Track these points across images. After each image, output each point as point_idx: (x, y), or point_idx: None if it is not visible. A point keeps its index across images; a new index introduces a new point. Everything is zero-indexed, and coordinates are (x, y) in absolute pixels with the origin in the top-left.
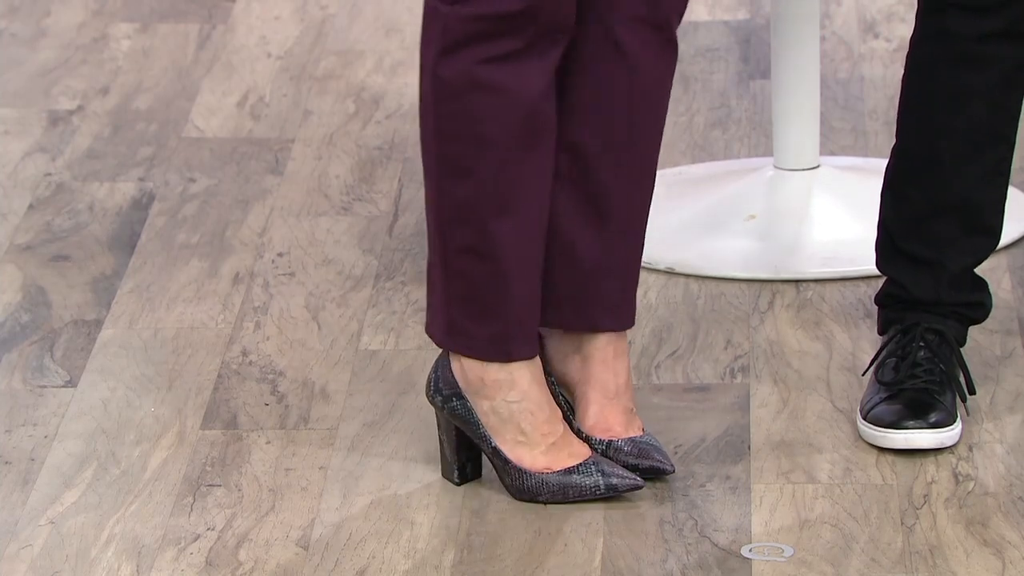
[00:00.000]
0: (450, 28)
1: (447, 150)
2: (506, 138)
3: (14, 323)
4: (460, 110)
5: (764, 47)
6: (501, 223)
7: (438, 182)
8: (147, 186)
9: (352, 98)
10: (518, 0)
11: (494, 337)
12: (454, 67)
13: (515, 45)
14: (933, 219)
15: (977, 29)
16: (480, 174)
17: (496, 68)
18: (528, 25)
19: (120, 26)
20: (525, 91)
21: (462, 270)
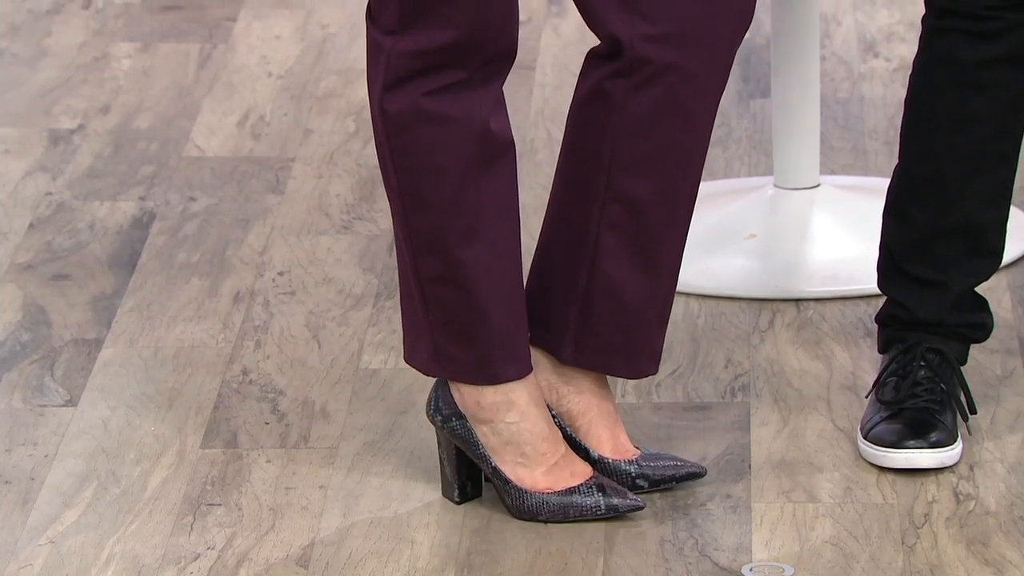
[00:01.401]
0: (392, 65)
1: (405, 183)
2: (460, 166)
3: (14, 342)
4: (411, 143)
5: (764, 66)
6: (467, 250)
7: (403, 215)
8: (147, 205)
9: (353, 117)
10: (453, 30)
11: (478, 360)
12: (400, 102)
13: (458, 76)
14: (936, 240)
15: (981, 54)
16: (440, 204)
17: (440, 99)
18: (470, 56)
19: (121, 46)
20: (472, 119)
21: (438, 298)
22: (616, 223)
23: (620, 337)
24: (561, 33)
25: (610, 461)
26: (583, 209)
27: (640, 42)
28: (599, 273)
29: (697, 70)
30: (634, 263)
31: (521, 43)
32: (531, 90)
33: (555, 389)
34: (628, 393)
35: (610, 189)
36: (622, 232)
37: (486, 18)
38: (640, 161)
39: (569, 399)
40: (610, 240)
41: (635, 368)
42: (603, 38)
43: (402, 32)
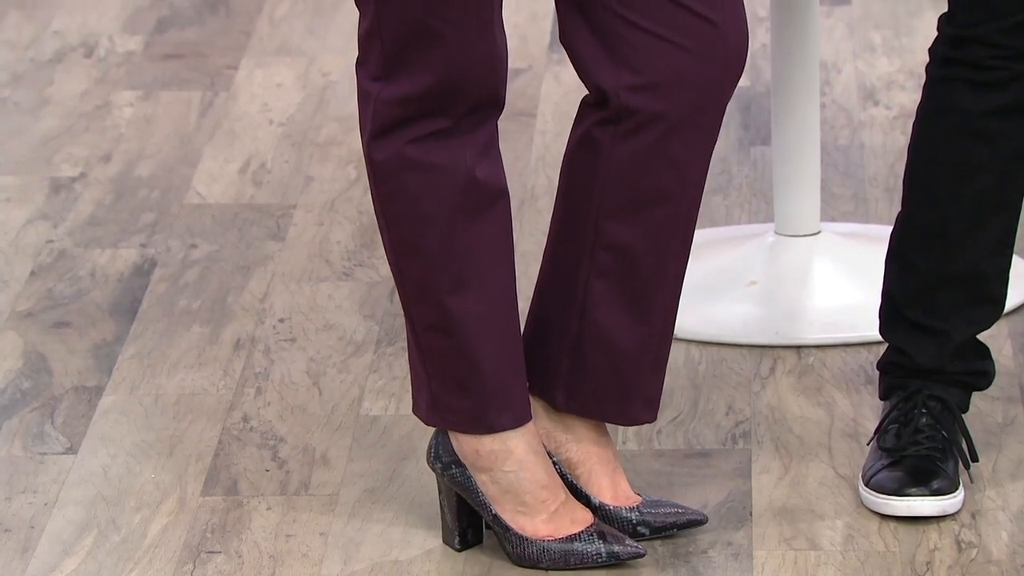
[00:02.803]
0: (379, 112)
1: (394, 230)
2: (445, 213)
3: (15, 390)
4: (397, 190)
5: (764, 114)
6: (457, 299)
7: (395, 262)
8: (148, 252)
9: (354, 164)
10: (435, 77)
11: (474, 410)
12: (386, 149)
13: (442, 124)
14: (938, 288)
15: (985, 104)
16: (427, 251)
17: (425, 146)
18: (454, 103)
19: (123, 94)
20: (457, 167)
21: (431, 347)
22: (605, 271)
23: (612, 384)
24: (562, 81)
25: (611, 508)
26: (574, 256)
27: (625, 92)
28: (590, 321)
29: (684, 120)
30: (624, 311)
31: (522, 91)
32: (532, 137)
33: (553, 437)
34: (629, 440)
35: (598, 236)
36: (611, 280)
37: (469, 65)
38: (627, 209)
39: (568, 447)
40: (600, 288)
41: (629, 416)
42: (590, 88)
43: (387, 79)
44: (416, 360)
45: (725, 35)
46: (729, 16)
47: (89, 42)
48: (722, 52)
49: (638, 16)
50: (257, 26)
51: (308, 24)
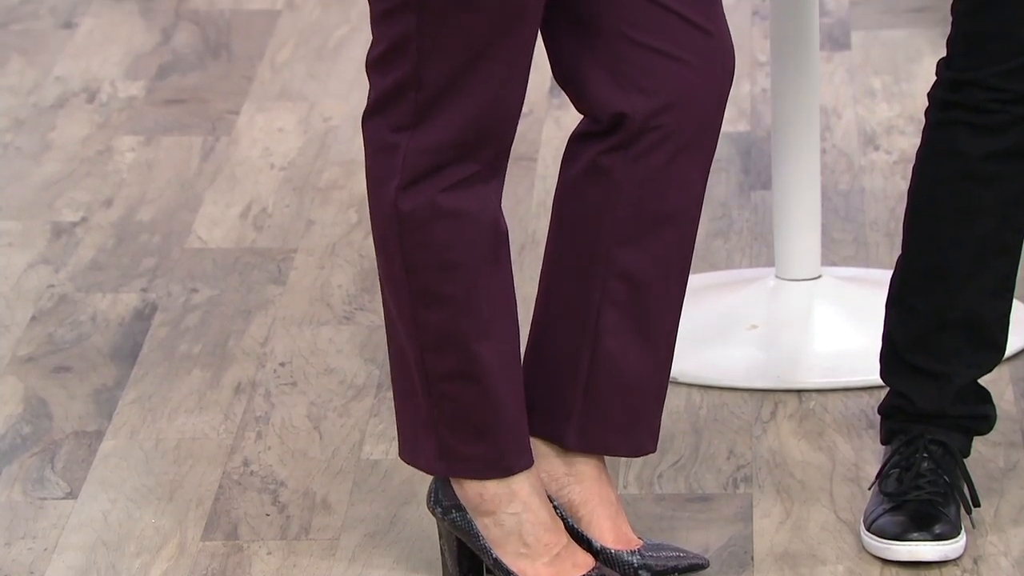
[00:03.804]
0: (410, 162)
1: (418, 281)
2: (474, 259)
3: (15, 435)
4: (426, 240)
5: (765, 158)
6: (483, 344)
7: (412, 313)
8: (149, 297)
9: (355, 208)
10: (470, 123)
11: (491, 455)
12: (415, 200)
13: (474, 168)
14: (939, 332)
15: (985, 147)
16: (455, 298)
17: (458, 194)
18: (484, 148)
19: (124, 139)
20: (486, 210)
21: (448, 395)
22: (617, 299)
23: (623, 416)
24: (562, 125)
25: (612, 552)
26: (582, 289)
27: (643, 115)
28: (601, 352)
29: (691, 138)
30: (635, 339)
31: (522, 135)
32: (533, 182)
33: (556, 479)
34: (630, 484)
35: (611, 264)
36: (624, 308)
37: (503, 111)
38: (637, 233)
39: (570, 489)
40: (612, 317)
41: (636, 446)
42: (604, 117)
43: (416, 127)
44: (419, 409)
45: (722, 47)
46: (722, 27)
47: (91, 87)
48: (720, 64)
49: (643, 33)
50: (259, 71)
51: (309, 69)
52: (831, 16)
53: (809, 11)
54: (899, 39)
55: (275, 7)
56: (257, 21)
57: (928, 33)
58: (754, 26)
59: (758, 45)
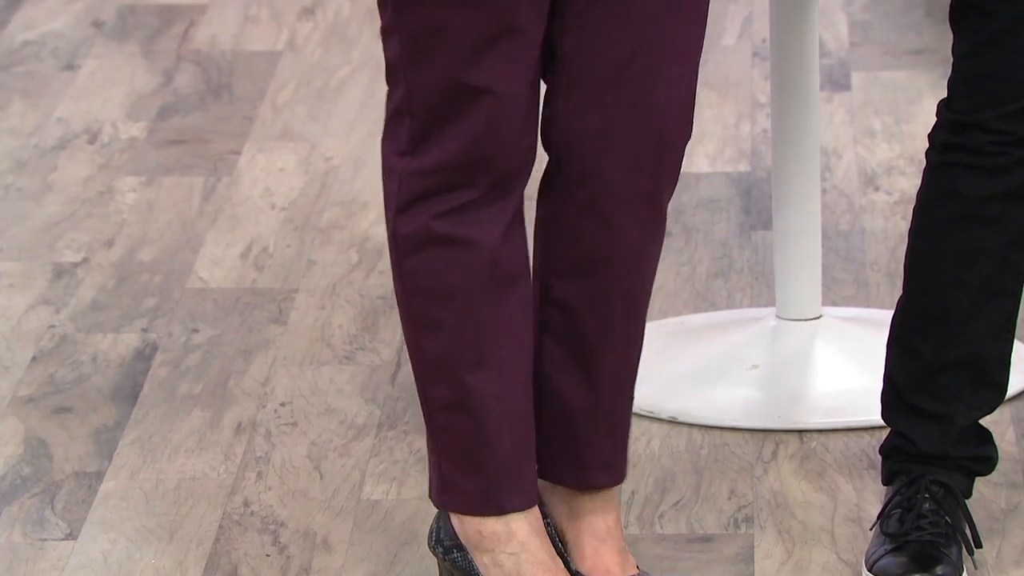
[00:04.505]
0: (405, 185)
1: (414, 305)
2: (470, 288)
3: (15, 476)
4: (421, 265)
5: (765, 199)
6: (477, 375)
7: (413, 338)
8: (150, 337)
9: (355, 248)
10: (462, 148)
11: (483, 491)
12: (411, 223)
13: (470, 196)
14: (940, 373)
15: (986, 189)
16: (449, 326)
17: (452, 220)
18: (481, 175)
19: (126, 179)
20: (484, 240)
21: (445, 427)
22: (553, 327)
23: (565, 446)
24: None
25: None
26: (535, 317)
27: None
28: (543, 378)
29: (616, 177)
30: (576, 372)
31: None
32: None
33: (554, 507)
34: (631, 524)
35: (546, 293)
36: (559, 337)
37: (495, 138)
38: (568, 266)
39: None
40: (549, 344)
41: (583, 479)
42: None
43: (413, 152)
44: (428, 439)
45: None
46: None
47: (92, 129)
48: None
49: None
50: (260, 111)
51: (310, 110)
52: (831, 57)
53: (809, 52)
54: (899, 80)
55: (276, 48)
56: (258, 62)
57: (928, 75)
58: (754, 67)
59: (758, 86)
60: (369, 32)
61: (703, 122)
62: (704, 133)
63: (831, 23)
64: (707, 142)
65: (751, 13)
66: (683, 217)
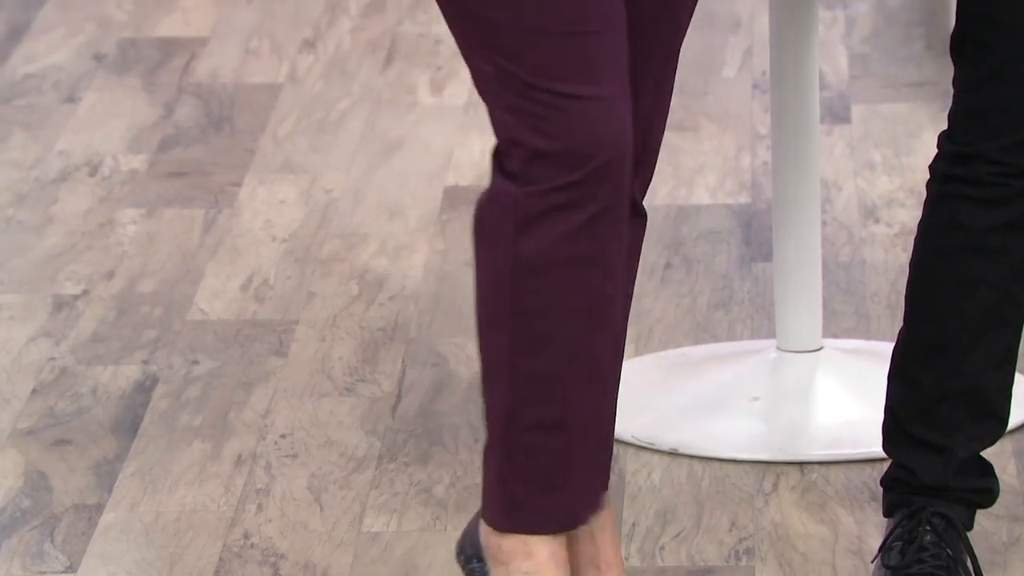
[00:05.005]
0: (521, 203)
1: (525, 326)
2: (589, 306)
3: (15, 508)
4: (543, 285)
5: (766, 231)
6: (585, 393)
7: (511, 359)
8: (150, 369)
9: (355, 280)
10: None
11: (562, 507)
12: (535, 244)
13: (594, 209)
14: (941, 404)
15: (987, 220)
16: (561, 345)
17: (580, 240)
18: (600, 187)
19: (126, 212)
20: (607, 258)
21: (531, 445)
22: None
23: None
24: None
25: None
26: None
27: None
28: None
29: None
30: None
31: None
32: None
33: None
34: (632, 556)
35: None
36: None
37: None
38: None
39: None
40: None
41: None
42: None
43: (527, 174)
44: (493, 462)
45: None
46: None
47: (93, 161)
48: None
49: None
50: (261, 144)
51: (311, 142)
52: (831, 90)
53: (809, 85)
54: (899, 113)
55: (277, 80)
56: (259, 94)
57: (928, 107)
58: (754, 99)
59: (758, 118)
60: (369, 65)
61: (703, 154)
62: (704, 165)
63: (831, 56)
64: (707, 174)
65: (751, 46)
66: (683, 249)
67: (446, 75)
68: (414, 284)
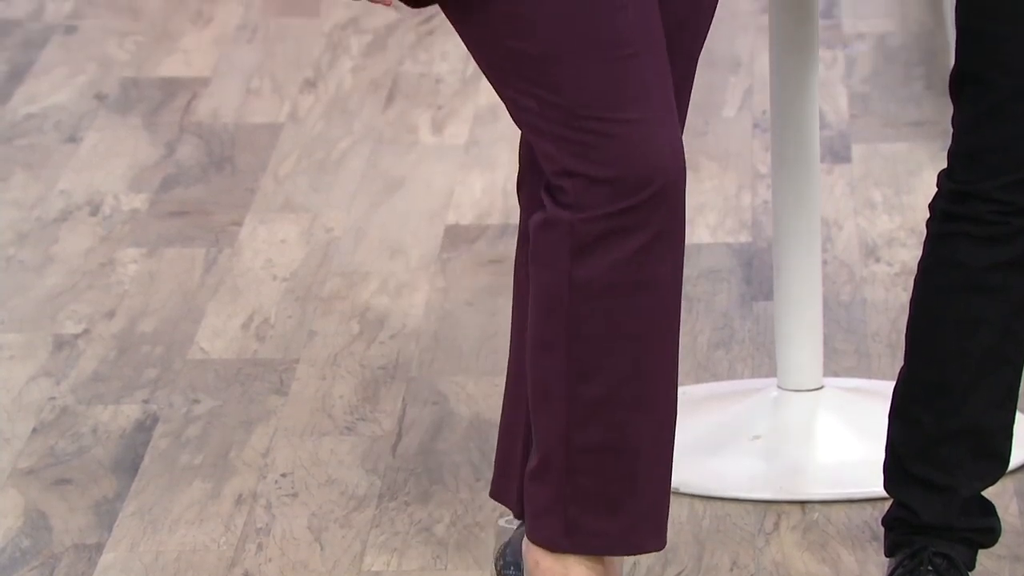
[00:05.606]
0: (577, 229)
1: (581, 350)
2: (646, 331)
3: (14, 548)
4: (600, 310)
5: (766, 269)
6: (641, 416)
7: (568, 383)
8: (151, 408)
9: (356, 319)
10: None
11: (621, 531)
12: (591, 269)
13: (650, 233)
14: (942, 443)
15: (986, 258)
16: (616, 372)
17: (635, 264)
18: (656, 211)
19: (127, 251)
20: (661, 282)
21: (587, 468)
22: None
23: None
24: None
25: None
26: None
27: None
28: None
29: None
30: None
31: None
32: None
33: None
34: None
35: None
36: None
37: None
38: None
39: None
40: None
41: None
42: None
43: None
44: (551, 483)
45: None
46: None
47: (95, 200)
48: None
49: None
50: (262, 183)
51: (312, 181)
52: (831, 129)
53: (809, 124)
54: (899, 152)
55: (278, 120)
56: (260, 134)
57: (928, 147)
58: (755, 138)
59: (759, 157)
60: (370, 104)
61: (704, 193)
62: (705, 204)
63: (831, 95)
64: (708, 213)
65: (752, 85)
66: (684, 287)
67: (447, 114)
68: (415, 323)
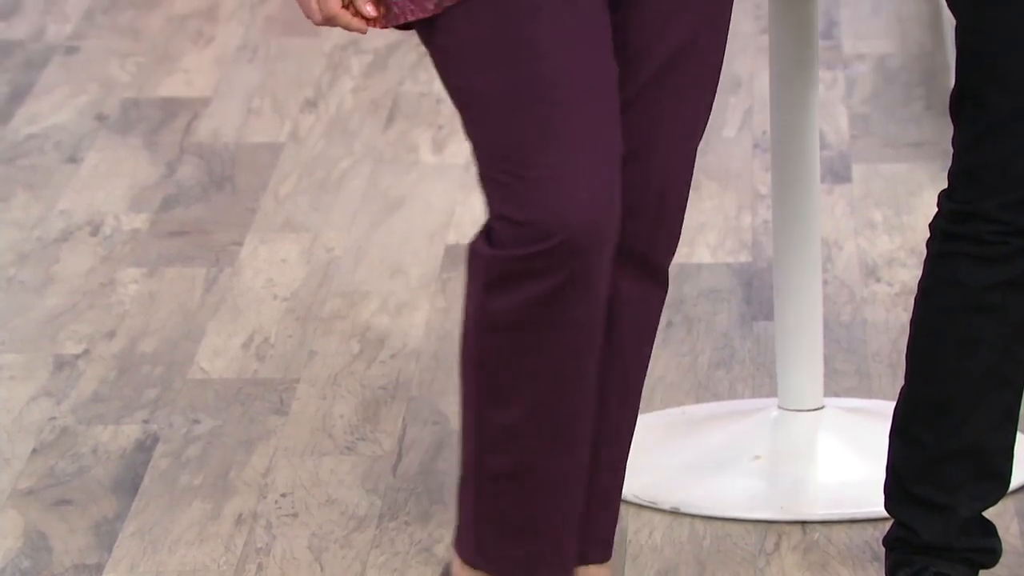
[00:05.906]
0: (492, 265)
1: (488, 378)
2: (558, 369)
3: (14, 569)
4: (507, 344)
5: (767, 289)
6: (550, 453)
7: (478, 410)
8: (151, 428)
9: (356, 338)
10: (547, 240)
11: (524, 560)
12: (502, 303)
13: (560, 278)
14: (943, 463)
15: (987, 278)
16: (524, 405)
17: (545, 306)
18: (569, 257)
19: (128, 271)
20: (575, 324)
21: (495, 493)
22: None
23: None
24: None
25: None
26: None
27: None
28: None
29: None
30: None
31: None
32: None
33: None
34: None
35: None
36: None
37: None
38: None
39: None
40: None
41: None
42: None
43: (498, 238)
44: (469, 501)
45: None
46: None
47: (95, 220)
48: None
49: None
50: (262, 203)
51: (312, 200)
52: (832, 149)
53: (810, 144)
54: (899, 172)
55: (279, 140)
56: (261, 154)
57: (928, 167)
58: (755, 158)
59: (759, 177)
60: (371, 124)
61: (704, 213)
62: (705, 224)
63: (831, 116)
64: (708, 233)
65: (752, 106)
66: (684, 308)
67: (447, 134)
68: (415, 342)
